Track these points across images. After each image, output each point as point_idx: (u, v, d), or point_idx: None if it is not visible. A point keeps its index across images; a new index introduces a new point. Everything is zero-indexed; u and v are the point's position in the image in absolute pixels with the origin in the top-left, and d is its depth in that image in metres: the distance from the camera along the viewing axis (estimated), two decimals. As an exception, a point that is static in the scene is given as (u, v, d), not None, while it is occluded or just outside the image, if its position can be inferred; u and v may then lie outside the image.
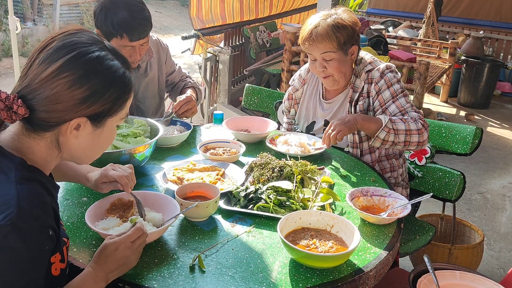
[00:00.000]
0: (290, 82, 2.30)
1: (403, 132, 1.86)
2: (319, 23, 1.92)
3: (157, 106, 2.29)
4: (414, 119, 1.90)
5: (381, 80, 1.96)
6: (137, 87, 2.20)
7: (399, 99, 1.95)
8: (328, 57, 1.94)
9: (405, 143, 1.87)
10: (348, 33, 1.92)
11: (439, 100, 6.59)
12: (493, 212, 3.65)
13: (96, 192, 1.54)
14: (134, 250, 1.11)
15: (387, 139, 1.86)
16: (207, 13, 4.81)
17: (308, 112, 2.19)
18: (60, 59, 0.96)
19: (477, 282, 1.43)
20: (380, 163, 2.06)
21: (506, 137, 5.39)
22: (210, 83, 4.92)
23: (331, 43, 1.90)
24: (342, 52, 1.94)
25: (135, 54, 2.01)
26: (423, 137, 1.88)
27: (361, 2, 9.57)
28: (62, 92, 0.95)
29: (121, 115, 1.08)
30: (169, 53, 2.38)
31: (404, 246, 2.05)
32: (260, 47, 5.55)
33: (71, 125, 0.99)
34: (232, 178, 1.68)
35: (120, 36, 1.93)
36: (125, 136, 1.78)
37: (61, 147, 1.03)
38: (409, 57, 4.57)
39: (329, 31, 1.89)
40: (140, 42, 1.98)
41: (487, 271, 2.87)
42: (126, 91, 1.06)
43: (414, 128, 1.87)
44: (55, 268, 1.00)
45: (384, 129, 1.85)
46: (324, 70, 1.97)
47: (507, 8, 7.62)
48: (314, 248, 1.26)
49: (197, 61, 7.17)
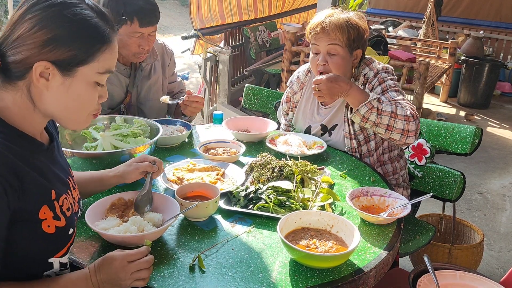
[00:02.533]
0: (288, 84, 2.27)
1: (387, 113, 1.77)
2: (333, 13, 1.91)
3: (159, 109, 2.28)
4: (404, 107, 1.81)
5: (374, 79, 1.95)
6: (139, 89, 2.20)
7: (389, 92, 1.90)
8: (333, 50, 1.91)
9: (388, 127, 1.78)
10: (359, 34, 1.91)
11: (439, 100, 6.59)
12: (493, 212, 3.66)
13: (96, 192, 1.55)
14: (127, 272, 1.06)
15: (368, 117, 1.78)
16: (206, 12, 4.81)
17: (305, 116, 2.18)
18: (27, 2, 0.99)
19: (477, 282, 1.43)
20: (383, 166, 2.05)
21: (506, 137, 5.39)
22: (210, 83, 4.92)
23: (341, 35, 1.88)
24: (348, 50, 1.91)
25: (144, 43, 2.01)
26: (409, 126, 1.77)
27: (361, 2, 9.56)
28: (25, 34, 0.96)
29: (96, 67, 1.03)
30: (173, 59, 2.38)
31: (404, 246, 2.05)
32: (260, 47, 5.55)
33: (35, 69, 0.97)
34: (232, 178, 1.68)
35: (131, 21, 1.94)
36: (125, 136, 1.78)
37: (34, 100, 1.01)
38: (409, 57, 4.57)
39: (342, 24, 1.88)
40: (149, 29, 1.99)
41: (487, 271, 2.87)
42: (97, 41, 1.02)
43: (401, 113, 1.77)
44: (47, 225, 1.00)
45: (367, 105, 1.77)
46: (324, 65, 1.92)
47: (507, 8, 7.62)
48: (314, 248, 1.26)
49: (197, 61, 7.16)
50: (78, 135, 1.85)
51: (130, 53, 2.04)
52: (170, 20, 13.56)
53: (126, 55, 2.06)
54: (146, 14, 1.96)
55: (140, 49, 2.02)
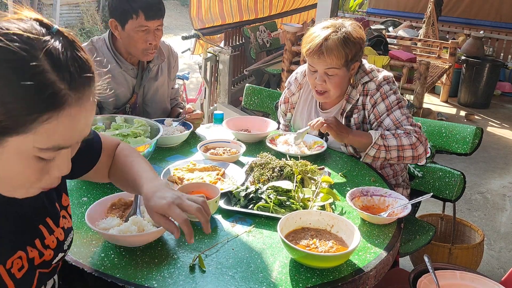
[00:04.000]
0: (286, 85, 2.26)
1: (395, 148, 1.84)
2: (329, 36, 1.84)
3: (163, 110, 2.29)
4: (407, 133, 1.86)
5: (377, 93, 1.92)
6: (146, 90, 2.20)
7: (393, 112, 1.90)
8: (331, 73, 1.88)
9: (399, 158, 1.85)
10: (356, 50, 1.87)
11: (439, 100, 6.59)
12: (493, 212, 3.66)
13: (96, 192, 1.55)
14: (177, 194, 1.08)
15: (378, 156, 1.85)
16: (206, 12, 4.81)
17: (302, 117, 2.17)
18: None
19: (477, 282, 1.43)
20: (383, 170, 2.05)
21: (506, 137, 5.39)
22: (210, 83, 4.92)
23: (339, 60, 1.85)
24: (346, 68, 1.89)
25: (151, 37, 2.01)
26: (418, 151, 1.85)
27: (361, 2, 9.58)
28: None
29: (32, 140, 0.76)
30: (177, 62, 2.39)
31: (404, 246, 2.05)
32: (260, 47, 5.56)
33: None
34: (232, 178, 1.68)
35: (136, 15, 1.95)
36: (125, 136, 1.78)
37: None
38: (409, 57, 4.57)
39: (339, 47, 1.83)
40: (155, 23, 2.00)
41: (487, 271, 2.87)
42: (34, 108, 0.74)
43: (407, 143, 1.84)
44: None
45: (374, 146, 1.84)
46: (322, 84, 1.91)
47: (507, 8, 7.63)
48: (314, 248, 1.26)
49: (197, 61, 7.17)
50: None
51: (139, 50, 2.03)
52: (170, 20, 13.56)
53: (135, 53, 2.05)
54: (151, 7, 1.97)
55: (147, 45, 2.02)
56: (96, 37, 2.15)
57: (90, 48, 2.07)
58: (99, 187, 1.59)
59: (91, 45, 2.09)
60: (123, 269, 1.18)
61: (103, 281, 1.14)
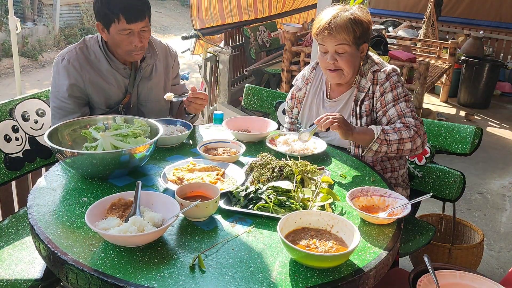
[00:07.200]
0: (293, 82, 2.30)
1: (395, 141, 1.88)
2: (337, 14, 1.93)
3: (159, 110, 2.28)
4: (407, 126, 1.91)
5: (386, 82, 1.98)
6: (140, 90, 2.19)
7: (399, 103, 1.96)
8: (341, 50, 1.94)
9: (398, 151, 1.90)
10: (363, 29, 1.94)
11: (439, 100, 6.59)
12: (493, 212, 3.66)
13: (96, 192, 1.55)
14: None
15: (380, 150, 1.89)
16: (206, 12, 4.82)
17: (311, 111, 2.19)
18: None
19: (477, 282, 1.43)
20: (382, 163, 2.06)
21: (506, 137, 5.39)
22: (210, 83, 4.92)
23: (348, 36, 1.91)
24: (355, 46, 1.95)
25: (135, 40, 1.99)
26: (416, 144, 1.90)
27: (361, 2, 9.57)
28: None
29: None
30: (177, 61, 2.37)
31: (404, 246, 2.06)
32: (260, 47, 5.56)
33: None
34: (232, 178, 1.68)
35: (117, 19, 1.93)
36: (125, 136, 1.78)
37: None
38: (409, 57, 4.58)
39: (347, 23, 1.91)
40: (138, 25, 1.97)
41: (487, 271, 2.87)
42: None
43: (407, 136, 1.89)
44: None
45: (376, 141, 1.87)
46: (334, 63, 1.97)
47: (507, 8, 7.63)
48: (314, 248, 1.26)
49: (197, 61, 7.17)
50: (78, 135, 1.84)
51: (124, 51, 2.02)
52: (170, 20, 13.56)
53: (121, 54, 2.05)
54: (132, 9, 1.94)
55: (132, 47, 2.00)
56: (89, 35, 2.15)
57: (81, 47, 2.07)
58: (99, 187, 1.59)
59: (83, 43, 2.09)
60: (123, 269, 1.18)
61: (103, 281, 1.14)
